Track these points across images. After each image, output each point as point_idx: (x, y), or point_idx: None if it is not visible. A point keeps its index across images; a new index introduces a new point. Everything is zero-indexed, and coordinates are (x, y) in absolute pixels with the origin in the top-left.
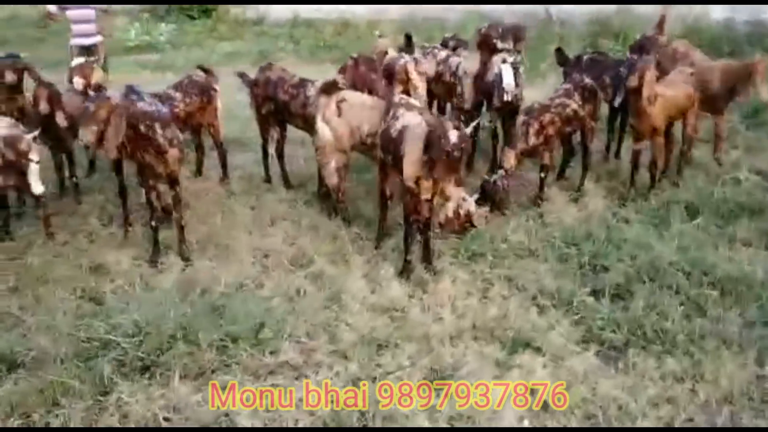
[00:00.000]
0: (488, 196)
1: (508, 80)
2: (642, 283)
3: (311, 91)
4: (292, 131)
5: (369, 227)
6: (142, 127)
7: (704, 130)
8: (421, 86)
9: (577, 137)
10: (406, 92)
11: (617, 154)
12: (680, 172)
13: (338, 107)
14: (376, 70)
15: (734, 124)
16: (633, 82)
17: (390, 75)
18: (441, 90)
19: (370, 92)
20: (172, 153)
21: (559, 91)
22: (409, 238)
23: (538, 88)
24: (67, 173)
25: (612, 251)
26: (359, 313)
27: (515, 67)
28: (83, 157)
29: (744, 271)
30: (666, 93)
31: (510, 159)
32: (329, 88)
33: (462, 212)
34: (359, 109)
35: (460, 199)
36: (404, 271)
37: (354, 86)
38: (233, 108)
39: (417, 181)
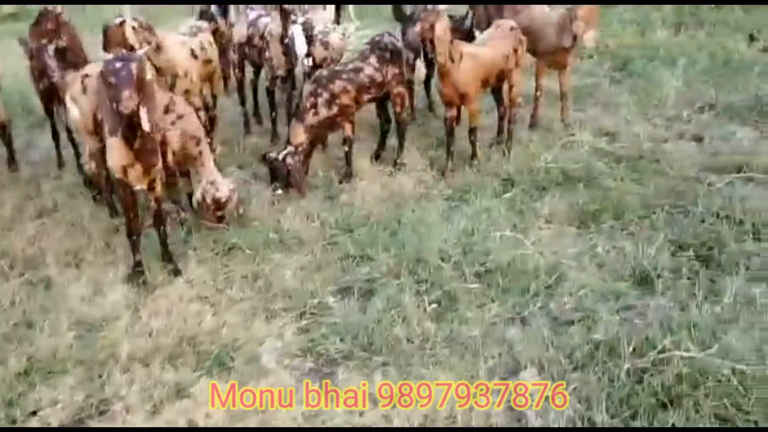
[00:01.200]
0: (277, 176)
1: (299, 45)
2: (396, 277)
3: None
4: None
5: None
6: None
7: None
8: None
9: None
10: None
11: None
12: (510, 138)
13: (83, 83)
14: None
15: (598, 78)
16: (413, 35)
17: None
18: (255, 54)
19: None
20: None
21: (356, 54)
22: (134, 236)
23: None
24: None
25: (384, 238)
26: (55, 331)
27: (307, 30)
28: None
29: (523, 258)
30: (477, 52)
31: (298, 134)
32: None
33: (209, 198)
34: (98, 84)
35: (208, 183)
36: (132, 274)
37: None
38: None
39: (125, 171)
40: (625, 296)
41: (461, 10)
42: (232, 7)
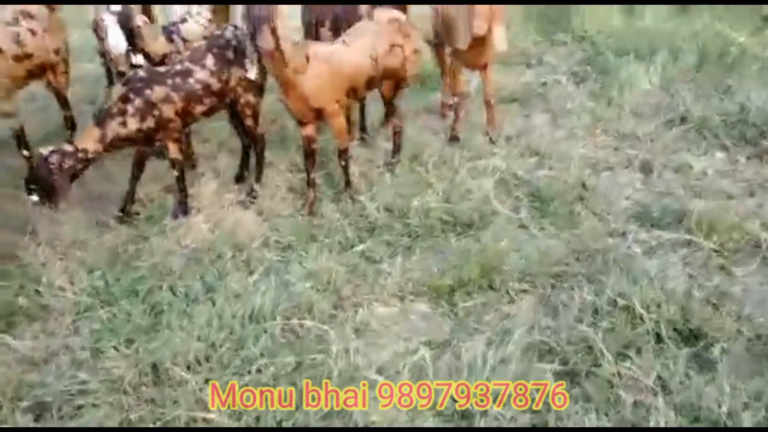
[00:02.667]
0: (36, 178)
1: (112, 39)
2: (116, 392)
3: None
4: None
5: None
6: None
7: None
8: None
9: None
10: None
11: None
12: (396, 154)
13: None
14: None
15: (558, 75)
16: (266, 42)
17: None
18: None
19: None
20: None
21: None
22: None
23: None
24: None
25: (138, 325)
26: None
27: (123, 21)
28: None
29: (312, 366)
30: (331, 54)
31: (89, 138)
32: None
33: None
34: None
35: None
36: None
37: None
38: None
39: None
40: None
41: None
42: None
